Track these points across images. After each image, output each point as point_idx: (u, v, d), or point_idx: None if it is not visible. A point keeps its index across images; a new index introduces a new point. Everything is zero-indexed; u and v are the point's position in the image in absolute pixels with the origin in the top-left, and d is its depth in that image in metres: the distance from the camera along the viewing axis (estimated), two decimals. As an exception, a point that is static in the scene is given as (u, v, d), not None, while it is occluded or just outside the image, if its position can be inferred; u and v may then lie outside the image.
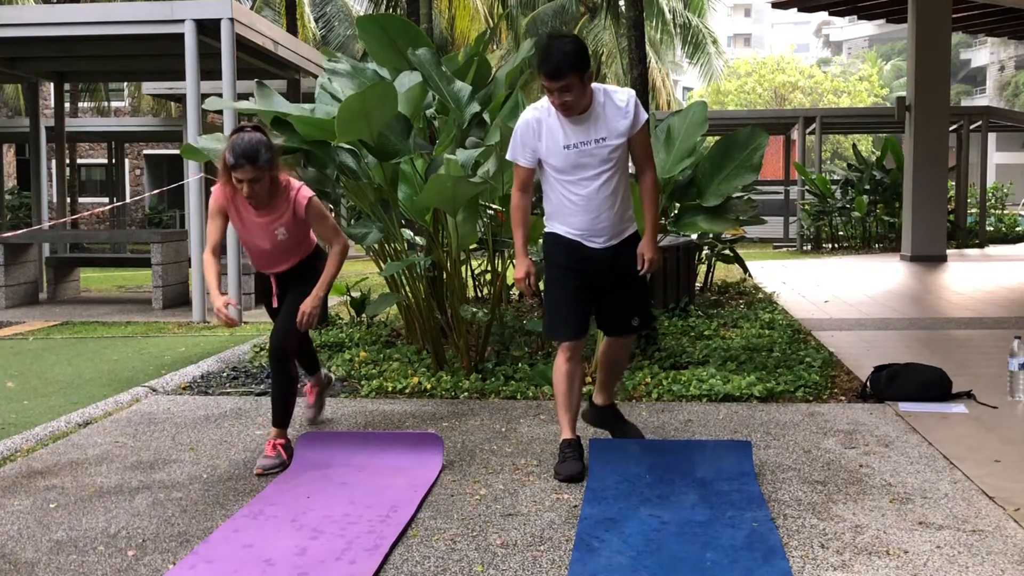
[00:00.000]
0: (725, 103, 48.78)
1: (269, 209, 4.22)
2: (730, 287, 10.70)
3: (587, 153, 3.87)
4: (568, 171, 3.90)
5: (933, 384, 5.35)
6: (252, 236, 4.30)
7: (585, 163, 3.88)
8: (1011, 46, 52.31)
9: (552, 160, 3.92)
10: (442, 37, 27.24)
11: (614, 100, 3.89)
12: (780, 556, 3.08)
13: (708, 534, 3.31)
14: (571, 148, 3.87)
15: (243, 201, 4.21)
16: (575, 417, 4.12)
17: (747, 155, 6.08)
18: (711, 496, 3.70)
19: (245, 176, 4.02)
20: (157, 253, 10.16)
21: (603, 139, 3.86)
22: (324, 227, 4.33)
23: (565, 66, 3.71)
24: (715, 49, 29.10)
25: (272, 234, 4.26)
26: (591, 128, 3.86)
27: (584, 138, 3.86)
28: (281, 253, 4.36)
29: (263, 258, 4.40)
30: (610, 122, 3.87)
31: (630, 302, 4.11)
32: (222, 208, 4.24)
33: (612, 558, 3.10)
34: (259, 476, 4.10)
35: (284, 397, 4.35)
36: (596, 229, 3.96)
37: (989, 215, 23.22)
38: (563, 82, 3.74)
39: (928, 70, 15.42)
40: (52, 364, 6.96)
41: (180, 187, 13.93)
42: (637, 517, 3.48)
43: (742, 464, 3.95)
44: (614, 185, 3.93)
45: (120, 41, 10.50)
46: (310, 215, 4.27)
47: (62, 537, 3.41)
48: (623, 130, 3.88)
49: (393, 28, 6.06)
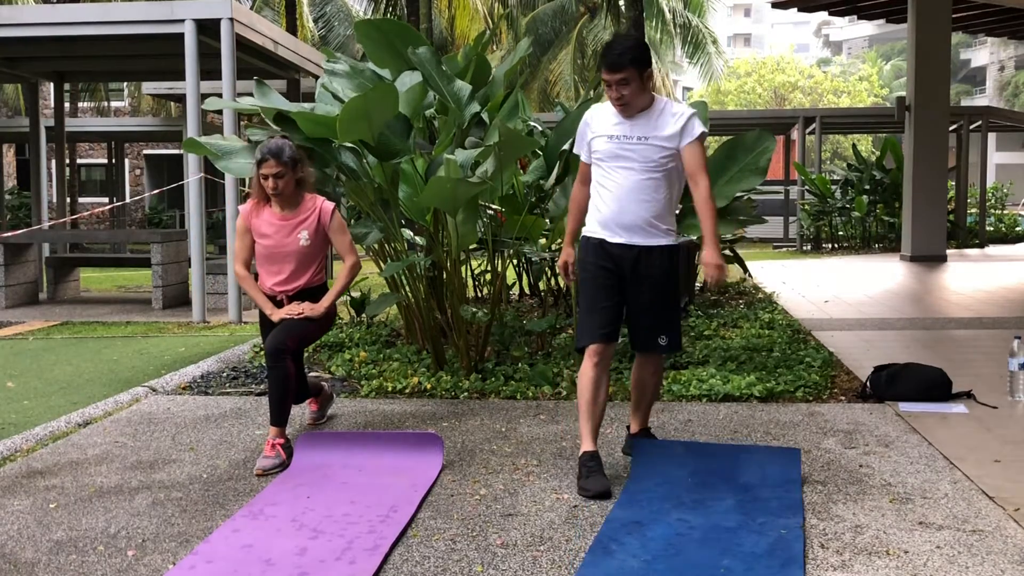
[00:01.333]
0: (725, 103, 48.78)
1: (294, 213, 4.48)
2: (730, 287, 10.70)
3: (628, 148, 3.93)
4: (607, 159, 3.97)
5: (933, 384, 5.35)
6: (275, 243, 4.46)
7: (625, 155, 3.93)
8: (1011, 46, 52.30)
9: (597, 146, 4.01)
10: (442, 37, 27.26)
11: (671, 110, 3.99)
12: (798, 566, 3.03)
13: (732, 540, 3.27)
14: (614, 139, 3.96)
15: (268, 211, 4.48)
16: (597, 427, 3.98)
17: (753, 158, 6.06)
18: (748, 502, 3.64)
19: (270, 171, 4.36)
20: (157, 253, 10.16)
21: (645, 138, 3.92)
22: (344, 239, 4.58)
23: (625, 60, 3.83)
24: (715, 49, 29.12)
25: (295, 238, 4.46)
26: (639, 127, 3.94)
27: (629, 133, 3.94)
28: (299, 264, 4.51)
29: (281, 270, 4.51)
30: (659, 126, 3.94)
31: (658, 318, 4.04)
32: (247, 224, 4.52)
33: (625, 561, 3.08)
34: (259, 476, 4.10)
35: (282, 396, 4.36)
36: (621, 222, 3.95)
37: (989, 215, 23.22)
38: (621, 75, 3.84)
39: (928, 70, 15.42)
40: (52, 364, 6.96)
41: (180, 187, 13.94)
42: (665, 521, 3.45)
43: (789, 471, 3.89)
44: (651, 187, 3.93)
45: (120, 41, 10.50)
46: (333, 223, 4.54)
47: (62, 537, 3.41)
48: (669, 135, 3.92)
49: (391, 31, 6.06)
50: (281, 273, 4.52)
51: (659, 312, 4.04)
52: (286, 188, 4.41)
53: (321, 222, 4.52)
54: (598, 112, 4.09)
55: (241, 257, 4.55)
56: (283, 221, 4.48)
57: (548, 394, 5.56)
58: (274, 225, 4.48)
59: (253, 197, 4.54)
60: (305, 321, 4.45)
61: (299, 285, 4.54)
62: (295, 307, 4.45)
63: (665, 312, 4.06)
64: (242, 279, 4.56)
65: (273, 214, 4.49)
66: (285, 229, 4.47)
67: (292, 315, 4.40)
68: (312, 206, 4.52)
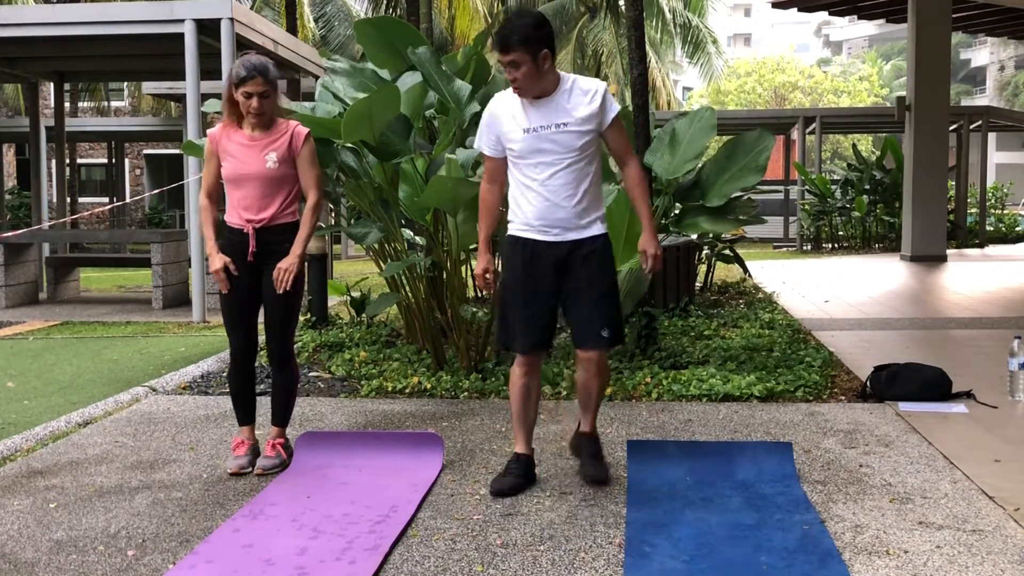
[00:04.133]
0: (725, 103, 48.78)
1: (266, 134, 4.15)
2: (730, 287, 10.70)
3: (547, 138, 3.70)
4: (527, 155, 3.74)
5: (933, 384, 5.34)
6: (241, 162, 4.13)
7: (545, 148, 3.71)
8: (1011, 46, 52.30)
9: (512, 144, 3.76)
10: (442, 37, 27.24)
11: (580, 87, 3.75)
12: (837, 560, 3.05)
13: (759, 537, 3.27)
14: (530, 132, 3.71)
15: (238, 132, 4.16)
16: (530, 432, 3.96)
17: (752, 157, 6.08)
18: (756, 499, 3.66)
19: (256, 88, 4.03)
20: (157, 253, 10.16)
21: (564, 124, 3.69)
22: (312, 169, 4.19)
23: (514, 40, 3.60)
24: (715, 49, 29.09)
25: (262, 159, 4.11)
26: (553, 113, 3.71)
27: (544, 122, 3.70)
28: (265, 190, 4.14)
29: (247, 196, 4.16)
30: (573, 109, 3.71)
31: (596, 309, 3.79)
32: (215, 146, 4.19)
33: (665, 563, 3.07)
34: (259, 476, 4.10)
35: (283, 396, 4.35)
36: (551, 219, 3.75)
37: (989, 215, 23.22)
38: (510, 56, 3.61)
39: (928, 70, 15.42)
40: (52, 364, 6.96)
41: (180, 187, 13.94)
42: (684, 521, 3.45)
43: (784, 466, 3.92)
44: (575, 177, 3.72)
45: (120, 41, 10.51)
46: (305, 149, 4.17)
47: (62, 537, 3.41)
48: (586, 117, 3.71)
49: (391, 31, 6.06)
50: (246, 199, 4.16)
51: (598, 302, 3.79)
52: (268, 109, 4.09)
53: (292, 146, 4.15)
54: (504, 103, 3.81)
55: (207, 183, 4.19)
56: (252, 142, 4.13)
57: (548, 394, 5.55)
58: (242, 145, 4.14)
59: (225, 119, 4.19)
60: (281, 308, 4.18)
61: (267, 216, 4.15)
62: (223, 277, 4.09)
63: (604, 302, 3.80)
64: (203, 209, 4.20)
65: (243, 134, 4.15)
66: (253, 149, 4.12)
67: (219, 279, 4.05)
68: (284, 128, 4.17)
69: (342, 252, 19.98)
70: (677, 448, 4.08)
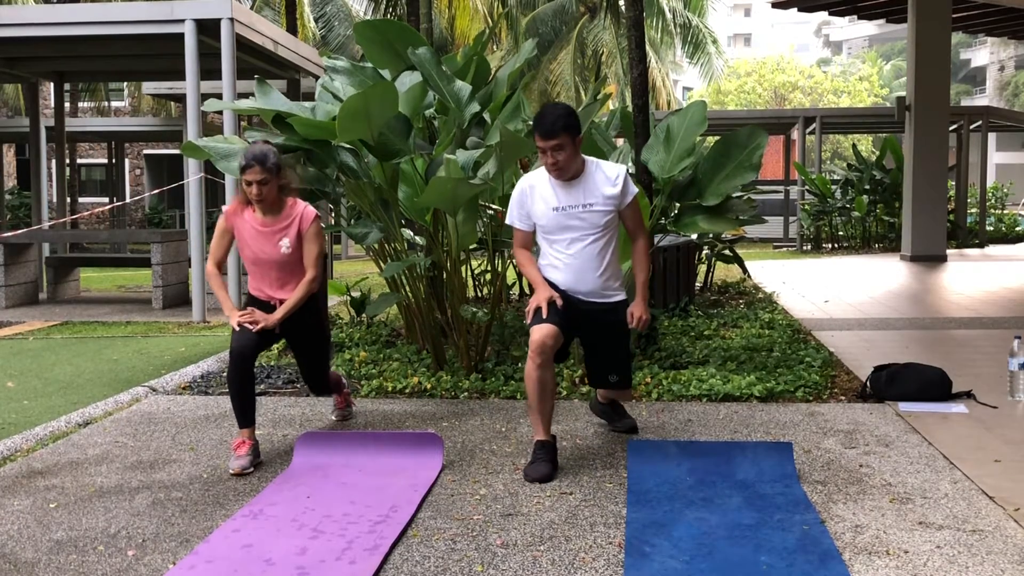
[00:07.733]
0: (725, 103, 48.79)
1: (276, 219, 4.44)
2: (730, 287, 10.70)
3: (574, 216, 4.13)
4: (555, 231, 4.17)
5: (933, 384, 5.34)
6: (258, 248, 4.43)
7: (572, 225, 4.14)
8: (1011, 46, 52.30)
9: (542, 221, 4.19)
10: (442, 37, 27.24)
11: (604, 171, 4.19)
12: (837, 560, 3.05)
13: (758, 537, 3.28)
14: (559, 210, 4.14)
15: (251, 215, 4.45)
16: (549, 420, 4.15)
17: (747, 154, 6.07)
18: (756, 499, 3.67)
19: (254, 177, 4.31)
20: (157, 253, 10.16)
21: (590, 204, 4.13)
22: (314, 247, 4.50)
23: (559, 127, 4.01)
24: (715, 49, 29.11)
25: (277, 245, 4.42)
26: (580, 193, 4.14)
27: (572, 202, 4.14)
28: (283, 271, 4.47)
29: (267, 276, 4.49)
30: (598, 190, 4.14)
31: (611, 361, 4.38)
32: (230, 225, 4.50)
33: (665, 563, 3.07)
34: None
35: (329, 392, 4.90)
36: (578, 289, 4.20)
37: (989, 215, 23.22)
38: (556, 141, 4.01)
39: (928, 70, 15.42)
40: (52, 364, 6.96)
41: (180, 187, 13.95)
42: (684, 520, 3.46)
43: (784, 466, 3.93)
44: (599, 249, 4.17)
45: (120, 41, 10.50)
46: (309, 230, 4.47)
47: (62, 537, 3.41)
48: (610, 197, 4.15)
49: (391, 32, 6.06)
50: (267, 278, 4.50)
51: (612, 355, 4.37)
52: (269, 195, 4.36)
53: (300, 228, 4.45)
54: (535, 182, 4.22)
55: (215, 256, 4.49)
56: (265, 228, 4.42)
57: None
58: (256, 231, 4.42)
59: (236, 199, 4.53)
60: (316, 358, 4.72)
61: (288, 291, 4.50)
62: (247, 316, 4.35)
63: (618, 356, 4.38)
64: (210, 276, 4.47)
65: (255, 218, 4.44)
66: (267, 236, 4.41)
67: (244, 324, 4.32)
68: (294, 212, 4.46)
69: (342, 252, 19.99)
70: (677, 448, 4.08)
